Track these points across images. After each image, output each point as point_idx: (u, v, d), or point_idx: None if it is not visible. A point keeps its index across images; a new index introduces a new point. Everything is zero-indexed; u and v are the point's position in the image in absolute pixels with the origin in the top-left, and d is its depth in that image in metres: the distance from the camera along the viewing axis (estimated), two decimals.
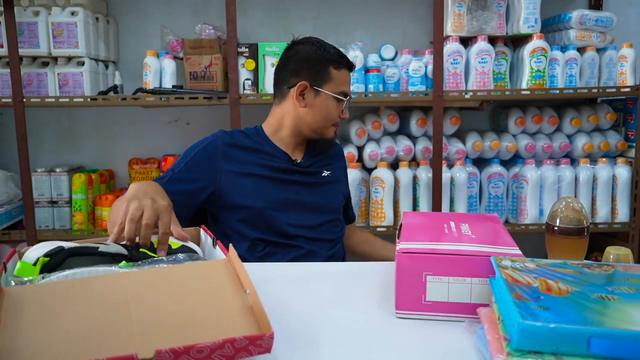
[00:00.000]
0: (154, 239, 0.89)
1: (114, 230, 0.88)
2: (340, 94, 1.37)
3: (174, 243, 0.89)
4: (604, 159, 2.16)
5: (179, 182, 1.28)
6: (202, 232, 0.98)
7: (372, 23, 2.39)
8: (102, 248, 0.80)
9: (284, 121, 1.38)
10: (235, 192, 1.31)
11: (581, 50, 2.13)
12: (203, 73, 2.09)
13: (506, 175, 2.18)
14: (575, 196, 2.16)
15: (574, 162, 2.19)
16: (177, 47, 2.18)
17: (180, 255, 0.79)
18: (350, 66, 1.39)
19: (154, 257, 0.82)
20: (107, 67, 2.28)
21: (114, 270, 0.73)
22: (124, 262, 0.78)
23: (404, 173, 2.13)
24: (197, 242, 0.97)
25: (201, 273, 0.69)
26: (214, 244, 0.88)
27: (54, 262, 0.77)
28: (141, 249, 0.85)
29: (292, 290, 0.95)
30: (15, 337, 0.56)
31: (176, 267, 0.72)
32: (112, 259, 0.80)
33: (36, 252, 0.78)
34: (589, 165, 2.16)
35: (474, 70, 2.07)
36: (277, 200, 1.32)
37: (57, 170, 2.21)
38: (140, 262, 0.77)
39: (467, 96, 2.05)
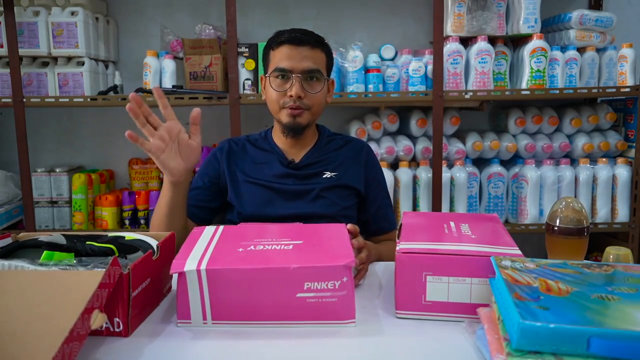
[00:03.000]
0: (122, 233, 0.93)
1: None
2: (274, 71, 1.26)
3: (129, 236, 0.91)
4: (604, 159, 2.16)
5: (199, 180, 1.36)
6: None
7: (372, 23, 2.39)
8: (41, 238, 0.86)
9: None
10: (236, 198, 1.31)
11: (581, 50, 2.13)
12: (203, 73, 2.09)
13: (506, 175, 2.18)
14: (575, 196, 2.16)
15: (574, 162, 2.19)
16: (177, 47, 2.18)
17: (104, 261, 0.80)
18: (288, 40, 1.25)
19: (103, 247, 0.86)
20: (107, 67, 2.28)
21: (24, 267, 0.77)
22: (46, 254, 0.82)
23: (404, 173, 2.13)
24: None
25: (69, 284, 0.69)
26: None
27: (3, 252, 0.84)
28: (87, 242, 0.86)
29: None
30: None
31: (52, 272, 0.74)
32: (51, 249, 0.85)
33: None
34: (589, 165, 2.16)
35: (474, 70, 2.07)
36: (272, 215, 1.26)
37: (57, 170, 2.21)
38: (58, 262, 0.80)
39: (467, 96, 2.05)
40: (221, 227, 0.95)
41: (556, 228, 0.95)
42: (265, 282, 0.78)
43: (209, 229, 0.95)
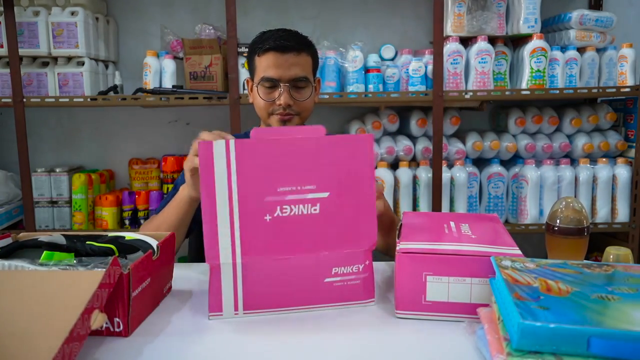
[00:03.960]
0: (113, 233, 0.93)
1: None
2: (261, 80, 1.25)
3: (129, 236, 0.91)
4: (604, 159, 2.16)
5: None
6: None
7: (372, 23, 2.39)
8: (41, 238, 0.86)
9: None
10: None
11: (581, 50, 2.13)
12: (203, 73, 2.09)
13: (506, 175, 2.18)
14: (575, 196, 2.16)
15: (574, 162, 2.19)
16: (177, 47, 2.18)
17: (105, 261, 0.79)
18: (273, 47, 1.23)
19: (103, 247, 0.86)
20: (107, 67, 2.28)
21: (24, 267, 0.77)
22: (46, 254, 0.82)
23: (404, 173, 2.13)
24: None
25: (69, 284, 0.69)
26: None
27: (3, 252, 0.85)
28: (87, 242, 0.86)
29: None
30: None
31: (52, 272, 0.74)
32: (51, 249, 0.85)
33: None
34: (589, 165, 2.16)
35: (474, 70, 2.07)
36: None
37: (57, 170, 2.21)
38: (58, 262, 0.80)
39: (467, 96, 2.05)
40: (232, 144, 0.81)
41: (556, 228, 0.95)
42: (297, 268, 0.83)
43: (219, 151, 0.80)
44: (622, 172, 2.13)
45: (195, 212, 1.20)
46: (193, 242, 1.44)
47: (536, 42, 2.04)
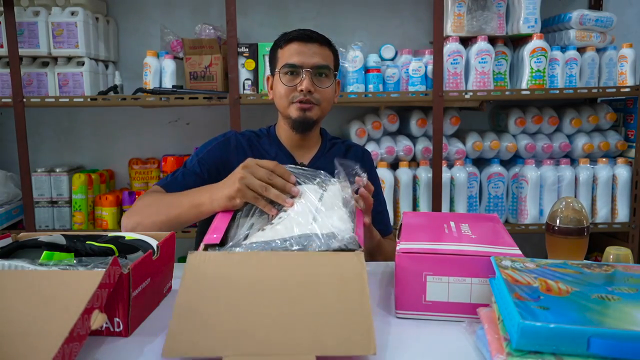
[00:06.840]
0: (117, 233, 0.92)
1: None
2: (283, 67, 1.26)
3: (129, 236, 0.90)
4: (604, 159, 2.16)
5: (197, 166, 1.27)
6: None
7: (372, 23, 2.39)
8: (41, 238, 0.86)
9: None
10: None
11: (581, 50, 2.13)
12: (203, 73, 2.09)
13: (506, 175, 2.18)
14: (575, 196, 2.16)
15: (574, 162, 2.19)
16: (177, 47, 2.18)
17: (106, 260, 0.78)
18: (297, 37, 1.26)
19: (103, 247, 0.85)
20: (107, 67, 2.28)
21: (24, 267, 0.76)
22: (46, 254, 0.81)
23: (404, 173, 2.13)
24: None
25: (69, 284, 0.68)
26: None
27: (3, 252, 0.85)
28: (87, 242, 0.86)
29: None
30: None
31: (52, 272, 0.73)
32: (51, 249, 0.84)
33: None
34: (589, 165, 2.16)
35: (474, 70, 2.07)
36: None
37: (57, 170, 2.21)
38: (58, 262, 0.79)
39: (467, 96, 2.05)
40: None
41: (556, 228, 0.95)
42: None
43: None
44: (622, 172, 2.13)
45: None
46: (199, 238, 1.43)
47: (536, 42, 2.04)
